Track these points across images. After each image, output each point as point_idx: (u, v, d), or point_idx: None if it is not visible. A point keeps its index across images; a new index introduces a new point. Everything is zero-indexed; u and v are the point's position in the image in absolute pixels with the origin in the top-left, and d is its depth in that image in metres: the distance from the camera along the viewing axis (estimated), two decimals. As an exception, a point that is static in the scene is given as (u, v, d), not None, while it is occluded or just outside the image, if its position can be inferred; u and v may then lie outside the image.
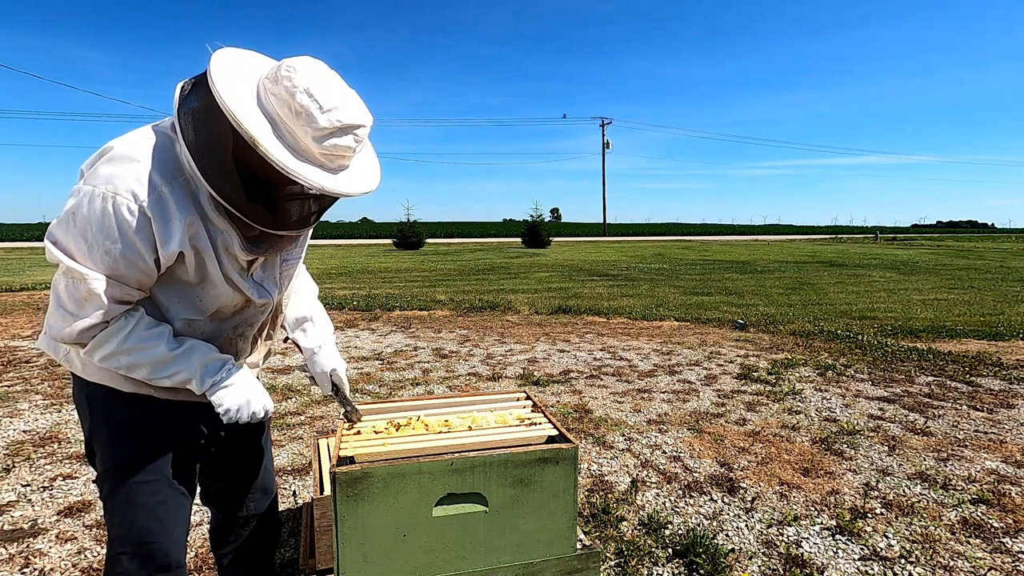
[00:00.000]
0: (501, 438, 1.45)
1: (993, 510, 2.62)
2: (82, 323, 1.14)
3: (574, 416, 3.90)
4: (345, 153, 1.13)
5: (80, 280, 1.11)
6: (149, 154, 1.12)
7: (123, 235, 1.10)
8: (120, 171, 1.10)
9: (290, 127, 1.08)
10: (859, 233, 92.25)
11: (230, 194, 1.11)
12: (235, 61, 1.13)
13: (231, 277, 1.25)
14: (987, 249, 30.79)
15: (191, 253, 1.18)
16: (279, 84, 1.08)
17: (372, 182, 1.22)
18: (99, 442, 1.34)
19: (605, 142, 56.43)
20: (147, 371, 1.22)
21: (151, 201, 1.10)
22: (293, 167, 1.07)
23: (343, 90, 1.13)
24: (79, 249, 1.11)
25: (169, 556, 1.35)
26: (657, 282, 13.17)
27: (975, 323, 7.65)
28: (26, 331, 6.71)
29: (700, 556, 2.21)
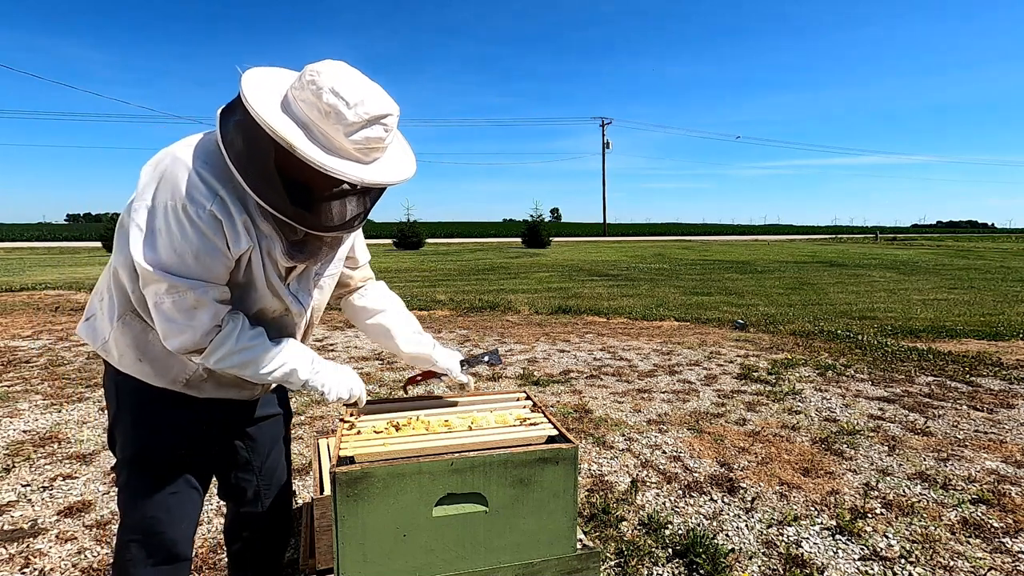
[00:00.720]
0: (501, 438, 1.45)
1: (993, 510, 2.62)
2: (200, 328, 1.22)
3: (574, 416, 3.90)
4: (377, 144, 1.18)
5: (185, 292, 1.18)
6: (205, 160, 1.19)
7: (204, 239, 1.17)
8: (181, 181, 1.16)
9: (322, 128, 1.14)
10: (859, 233, 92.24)
11: (275, 200, 1.17)
12: (264, 77, 1.21)
13: (272, 282, 1.32)
14: (987, 249, 30.78)
15: (247, 254, 1.25)
16: (305, 89, 1.14)
17: (408, 169, 1.27)
18: (121, 430, 1.40)
19: (605, 142, 56.43)
20: (255, 368, 1.30)
21: (216, 204, 1.17)
22: (330, 164, 1.12)
23: (366, 84, 1.18)
24: (172, 262, 1.17)
25: (176, 547, 1.40)
26: (657, 282, 13.17)
27: (975, 323, 7.65)
28: (26, 331, 6.71)
29: (700, 556, 2.21)
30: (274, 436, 1.62)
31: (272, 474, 1.63)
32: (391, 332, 1.65)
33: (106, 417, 3.79)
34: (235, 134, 1.16)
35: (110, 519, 2.54)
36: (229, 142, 1.16)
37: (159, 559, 1.38)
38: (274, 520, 1.66)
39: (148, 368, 1.34)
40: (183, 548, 1.42)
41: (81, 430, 3.58)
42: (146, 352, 1.34)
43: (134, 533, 1.38)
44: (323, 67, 1.16)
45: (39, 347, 5.89)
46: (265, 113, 1.11)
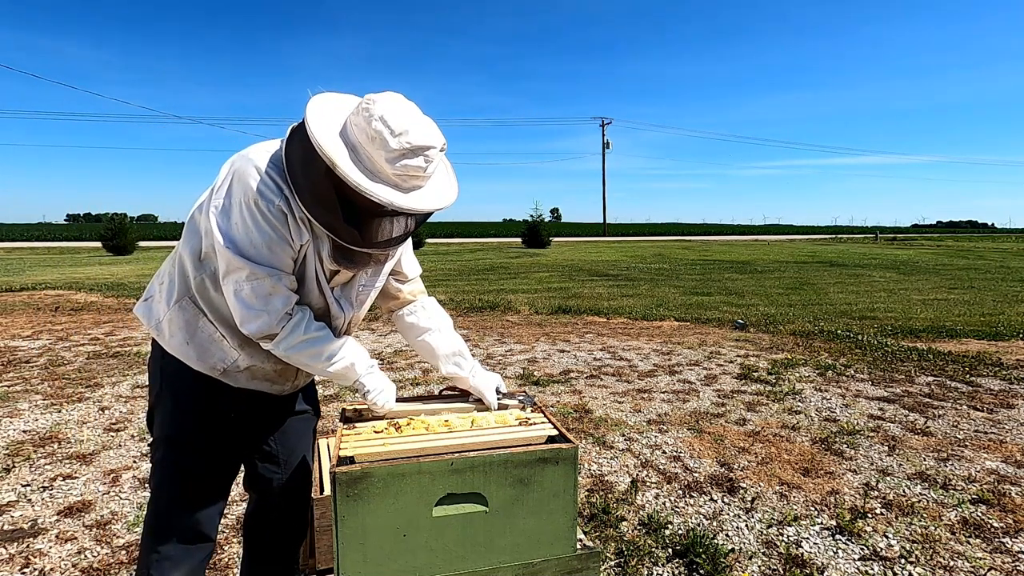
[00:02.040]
0: (501, 438, 1.45)
1: (993, 510, 2.62)
2: (276, 313, 1.33)
3: (574, 416, 3.90)
4: (416, 173, 1.25)
5: (263, 279, 1.30)
6: (271, 162, 1.30)
7: (274, 230, 1.29)
8: (257, 179, 1.28)
9: (368, 151, 1.23)
10: (859, 233, 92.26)
11: (318, 212, 1.27)
12: (330, 102, 1.31)
13: (320, 280, 1.42)
14: (987, 249, 30.78)
15: (303, 249, 1.35)
16: (360, 115, 1.24)
17: (442, 200, 1.33)
18: (161, 410, 1.48)
19: (605, 142, 56.43)
20: (319, 358, 1.40)
21: (284, 201, 1.28)
22: (365, 186, 1.20)
23: (415, 116, 1.26)
24: (250, 252, 1.29)
25: (201, 526, 1.48)
26: (657, 282, 13.17)
27: (975, 323, 7.65)
28: (26, 331, 6.71)
29: (700, 556, 2.21)
30: (302, 432, 1.69)
31: (297, 469, 1.68)
32: (436, 352, 1.71)
33: (106, 417, 3.80)
34: (294, 146, 1.27)
35: (110, 519, 2.54)
36: (288, 153, 1.28)
37: (184, 536, 1.46)
38: (294, 514, 1.72)
39: (193, 352, 1.42)
40: (208, 529, 1.50)
41: (81, 430, 3.58)
42: (194, 336, 1.42)
43: (163, 510, 1.46)
44: (381, 97, 1.25)
45: (39, 347, 5.89)
46: (318, 132, 1.21)
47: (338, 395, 4.32)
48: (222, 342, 1.43)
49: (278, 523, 1.70)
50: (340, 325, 1.54)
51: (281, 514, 1.70)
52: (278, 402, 1.60)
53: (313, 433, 1.76)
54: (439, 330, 1.73)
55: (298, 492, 1.70)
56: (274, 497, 1.68)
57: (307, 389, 1.71)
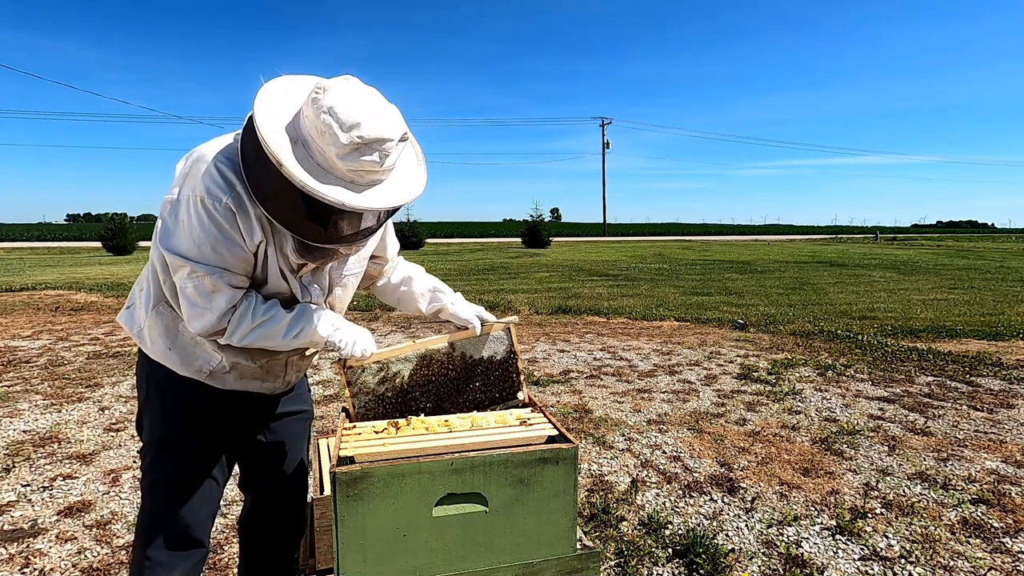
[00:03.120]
0: (501, 438, 1.45)
1: (993, 510, 2.62)
2: (218, 310, 1.29)
3: (574, 416, 3.90)
4: (371, 168, 1.17)
5: (203, 277, 1.25)
6: (225, 157, 1.24)
7: (220, 230, 1.23)
8: (203, 175, 1.22)
9: (319, 146, 1.15)
10: (859, 233, 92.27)
11: (273, 209, 1.21)
12: (284, 88, 1.23)
13: (287, 276, 1.38)
14: (987, 249, 30.78)
15: (263, 245, 1.30)
16: (310, 105, 1.15)
17: (404, 195, 1.25)
18: (149, 415, 1.46)
19: (605, 142, 56.43)
20: (277, 336, 1.35)
21: (232, 198, 1.22)
22: (313, 186, 1.13)
23: (370, 106, 1.16)
24: (192, 251, 1.24)
25: (192, 531, 1.45)
26: (657, 282, 13.17)
27: (975, 323, 7.65)
28: (26, 331, 6.71)
29: (700, 556, 2.21)
30: (296, 432, 1.67)
31: (291, 469, 1.67)
32: (414, 296, 1.69)
33: (106, 417, 3.80)
34: (246, 139, 1.20)
35: (110, 519, 2.54)
36: (242, 146, 1.21)
37: (175, 543, 1.43)
38: (290, 514, 1.71)
39: (176, 357, 1.40)
40: (200, 534, 1.47)
41: (81, 430, 3.58)
42: (175, 341, 1.40)
43: (152, 515, 1.43)
44: (332, 84, 1.16)
45: (39, 347, 5.88)
46: (265, 126, 1.13)
47: (338, 395, 4.33)
48: (204, 344, 1.40)
49: (275, 523, 1.69)
50: None
51: (278, 514, 1.69)
52: (270, 402, 1.59)
53: (308, 433, 1.74)
54: (413, 277, 1.71)
55: (295, 492, 1.69)
56: (270, 498, 1.67)
57: (300, 389, 1.69)
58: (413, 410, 1.63)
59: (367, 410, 1.61)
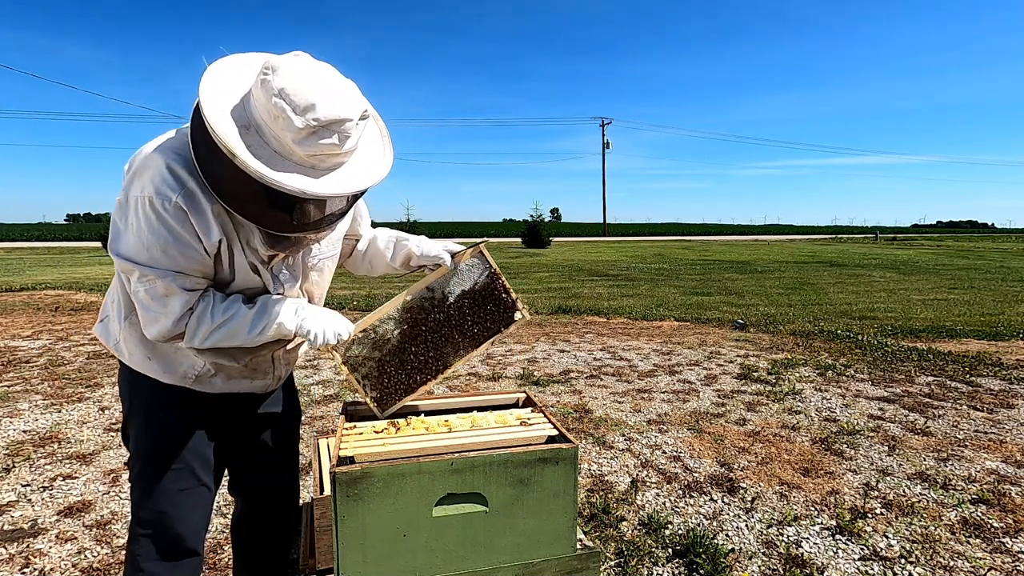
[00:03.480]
0: (501, 438, 1.45)
1: (993, 510, 2.62)
2: (172, 315, 1.23)
3: (574, 416, 3.90)
4: (331, 151, 1.10)
5: (154, 281, 1.20)
6: (174, 153, 1.17)
7: (171, 231, 1.16)
8: (150, 174, 1.15)
9: (273, 131, 1.08)
10: (859, 233, 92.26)
11: (232, 201, 1.14)
12: (232, 69, 1.15)
13: (259, 270, 1.32)
14: (987, 249, 30.78)
15: (225, 243, 1.24)
16: (260, 88, 1.07)
17: (368, 178, 1.17)
18: (134, 425, 1.43)
19: (605, 142, 56.43)
20: (241, 334, 1.29)
21: (183, 196, 1.15)
22: (270, 176, 1.06)
23: (324, 85, 1.09)
24: (141, 255, 1.18)
25: (185, 542, 1.42)
26: (657, 282, 13.17)
27: (975, 323, 7.65)
28: (26, 331, 6.71)
29: (700, 556, 2.21)
30: (283, 433, 1.64)
31: (281, 471, 1.65)
32: (379, 251, 1.61)
33: (106, 417, 3.80)
34: (196, 131, 1.12)
35: (110, 519, 2.54)
36: (193, 138, 1.13)
37: (168, 553, 1.40)
38: (281, 516, 1.68)
39: (157, 365, 1.36)
40: (193, 543, 1.44)
41: (81, 430, 3.58)
42: (154, 349, 1.36)
43: (144, 527, 1.40)
44: (282, 63, 1.08)
45: (39, 347, 5.88)
46: (214, 115, 1.06)
47: (338, 395, 4.33)
48: (185, 350, 1.34)
49: (267, 525, 1.67)
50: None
51: (270, 515, 1.66)
52: (256, 403, 1.55)
53: (297, 432, 1.71)
54: (376, 237, 1.63)
55: (285, 493, 1.67)
56: (260, 500, 1.64)
57: (287, 389, 1.66)
58: (416, 367, 1.56)
59: (370, 380, 1.55)
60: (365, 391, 1.56)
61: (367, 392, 1.56)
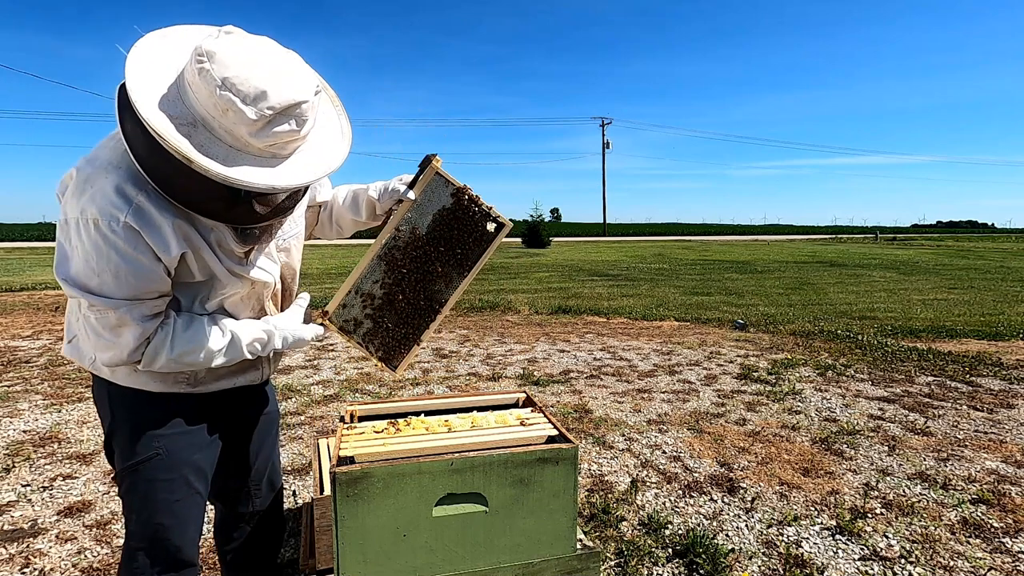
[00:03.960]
0: (501, 438, 1.45)
1: (993, 510, 2.62)
2: (126, 347, 1.14)
3: (574, 416, 3.90)
4: (290, 138, 1.04)
5: (105, 311, 1.10)
6: (116, 165, 1.07)
7: (122, 255, 1.06)
8: (92, 192, 1.05)
9: (224, 125, 0.99)
10: (859, 233, 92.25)
11: (198, 204, 1.07)
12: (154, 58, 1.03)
13: (233, 270, 1.24)
14: (987, 249, 30.78)
15: (191, 254, 1.16)
16: (198, 79, 0.98)
17: (332, 161, 1.12)
18: (119, 440, 1.35)
19: (605, 142, 56.44)
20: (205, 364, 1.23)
21: (131, 214, 1.05)
22: (233, 175, 0.99)
23: (270, 68, 1.00)
24: (92, 281, 1.08)
25: (183, 553, 1.38)
26: (657, 282, 13.17)
27: (975, 323, 7.65)
28: (26, 331, 6.71)
29: (700, 556, 2.21)
30: (263, 433, 1.59)
31: (262, 473, 1.61)
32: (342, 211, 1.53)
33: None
34: (134, 137, 1.01)
35: (110, 519, 2.54)
36: (131, 143, 1.02)
37: (166, 566, 1.37)
38: (265, 520, 1.64)
39: (144, 376, 1.29)
40: (189, 553, 1.40)
41: (81, 430, 3.58)
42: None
43: (140, 541, 1.36)
44: (215, 47, 0.98)
45: (39, 347, 5.88)
46: (156, 119, 0.96)
47: (338, 395, 4.33)
48: None
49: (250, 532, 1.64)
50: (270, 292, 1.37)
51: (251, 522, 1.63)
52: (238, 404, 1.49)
53: (276, 433, 1.65)
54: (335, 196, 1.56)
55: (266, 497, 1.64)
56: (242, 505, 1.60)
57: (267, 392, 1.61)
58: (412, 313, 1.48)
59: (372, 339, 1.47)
60: (370, 352, 1.48)
61: (373, 353, 1.48)
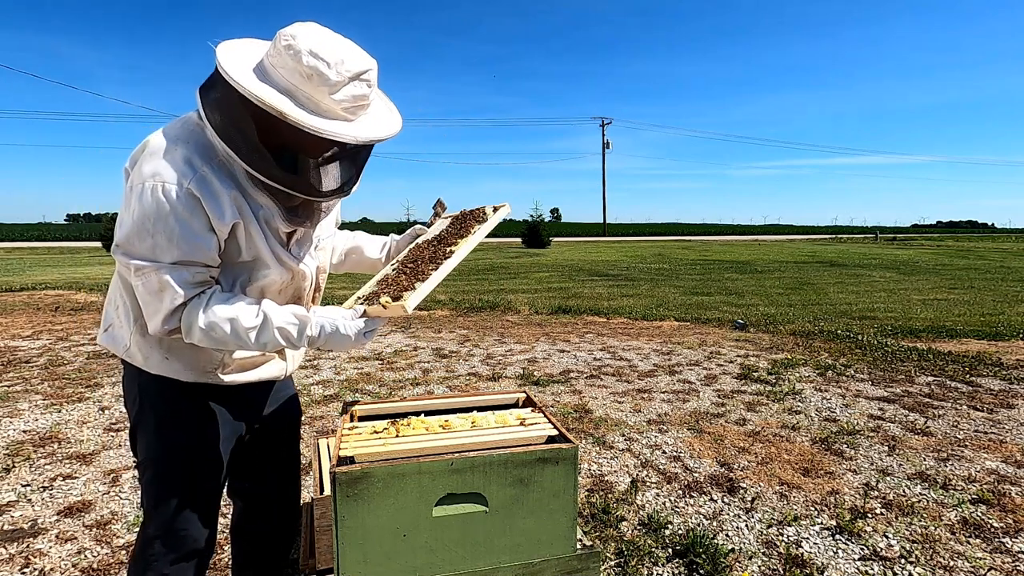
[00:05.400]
0: (501, 438, 1.45)
1: (993, 510, 2.62)
2: (165, 310, 1.20)
3: (574, 416, 3.90)
4: (362, 101, 1.20)
5: (151, 273, 1.17)
6: (184, 140, 1.19)
7: (179, 218, 1.15)
8: (162, 161, 1.16)
9: (306, 92, 1.15)
10: (859, 233, 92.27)
11: (269, 170, 1.17)
12: (238, 48, 1.21)
13: (276, 251, 1.31)
14: (987, 249, 30.78)
15: (242, 226, 1.24)
16: (283, 55, 1.14)
17: (396, 123, 1.29)
18: (145, 430, 1.40)
19: (605, 142, 56.44)
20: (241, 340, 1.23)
21: (196, 182, 1.16)
22: (323, 126, 1.14)
23: (342, 42, 1.19)
24: (144, 244, 1.16)
25: (198, 544, 1.42)
26: (657, 282, 13.17)
27: (975, 323, 7.65)
28: (26, 331, 6.71)
29: (700, 556, 2.21)
30: (284, 433, 1.64)
31: (282, 471, 1.65)
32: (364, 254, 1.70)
33: (106, 417, 3.79)
34: (218, 110, 1.16)
35: (110, 519, 2.54)
36: (214, 119, 1.16)
37: (182, 555, 1.41)
38: (283, 517, 1.68)
39: (177, 364, 1.34)
40: (205, 545, 1.44)
41: (81, 430, 3.58)
42: (171, 349, 1.33)
43: (157, 530, 1.39)
44: (297, 30, 1.16)
45: (39, 347, 5.88)
46: (248, 84, 1.12)
47: (338, 395, 4.33)
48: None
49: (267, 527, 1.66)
50: (308, 287, 1.44)
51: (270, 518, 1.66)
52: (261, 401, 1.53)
53: (297, 433, 1.70)
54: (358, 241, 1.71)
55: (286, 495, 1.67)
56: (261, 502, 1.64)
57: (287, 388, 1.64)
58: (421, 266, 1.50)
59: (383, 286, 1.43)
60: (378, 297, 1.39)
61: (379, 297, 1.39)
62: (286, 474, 1.66)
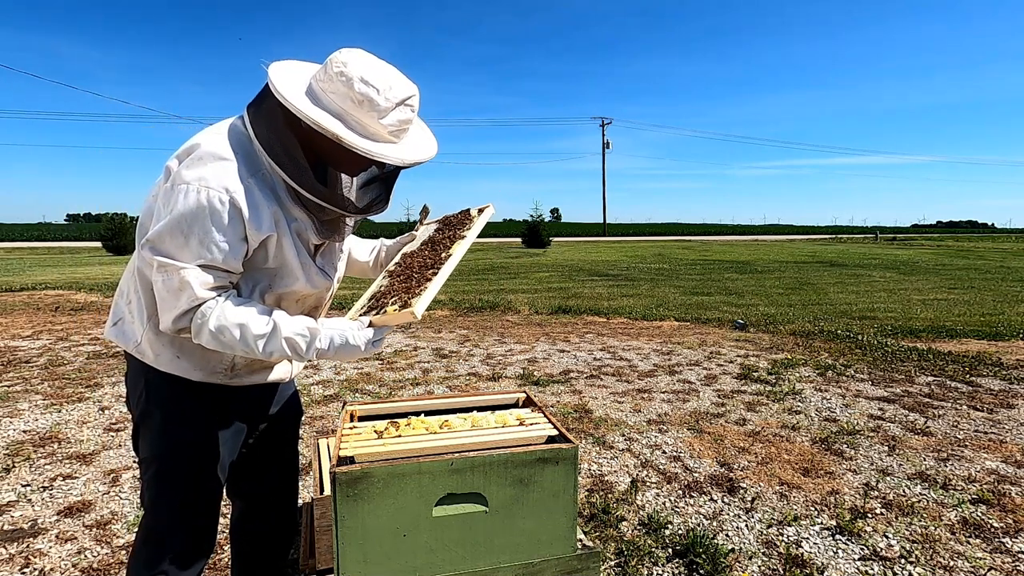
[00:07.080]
0: (501, 438, 1.45)
1: (993, 510, 2.62)
2: (180, 308, 1.21)
3: (574, 416, 3.90)
4: (406, 124, 1.27)
5: (174, 272, 1.19)
6: (232, 151, 1.23)
7: (217, 224, 1.18)
8: (210, 168, 1.20)
9: (355, 116, 1.21)
10: (859, 233, 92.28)
11: (313, 186, 1.24)
12: (289, 70, 1.26)
13: (304, 262, 1.35)
14: (987, 249, 30.78)
15: (275, 238, 1.28)
16: (334, 80, 1.20)
17: (434, 145, 1.37)
18: (148, 428, 1.40)
19: (605, 142, 56.44)
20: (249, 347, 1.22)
21: (241, 193, 1.20)
22: (375, 149, 1.21)
23: (389, 69, 1.26)
24: (175, 242, 1.18)
25: (198, 543, 1.43)
26: (657, 282, 13.17)
27: (975, 323, 7.65)
28: (26, 331, 6.71)
29: (700, 556, 2.21)
30: (285, 434, 1.65)
31: (283, 470, 1.65)
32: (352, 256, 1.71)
33: (106, 417, 3.79)
34: (267, 127, 1.22)
35: (110, 519, 2.54)
36: (262, 135, 1.22)
37: (180, 555, 1.41)
38: (282, 518, 1.68)
39: (187, 363, 1.34)
40: (205, 544, 1.45)
41: (81, 430, 3.58)
42: (183, 348, 1.33)
43: (157, 528, 1.40)
44: (347, 57, 1.22)
45: (39, 347, 5.88)
46: (305, 108, 1.18)
47: (338, 395, 4.33)
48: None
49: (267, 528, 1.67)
50: (328, 297, 1.51)
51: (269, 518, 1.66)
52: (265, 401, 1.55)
53: (297, 434, 1.71)
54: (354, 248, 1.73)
55: (285, 496, 1.67)
56: (261, 503, 1.64)
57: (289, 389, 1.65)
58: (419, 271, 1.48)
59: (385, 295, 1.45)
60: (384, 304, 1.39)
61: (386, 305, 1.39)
62: (287, 474, 1.67)
